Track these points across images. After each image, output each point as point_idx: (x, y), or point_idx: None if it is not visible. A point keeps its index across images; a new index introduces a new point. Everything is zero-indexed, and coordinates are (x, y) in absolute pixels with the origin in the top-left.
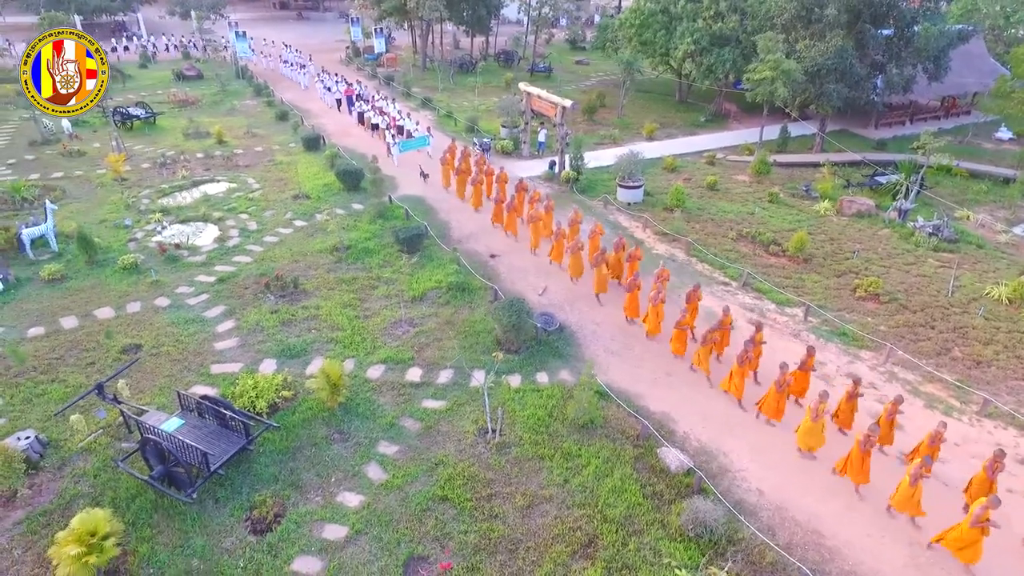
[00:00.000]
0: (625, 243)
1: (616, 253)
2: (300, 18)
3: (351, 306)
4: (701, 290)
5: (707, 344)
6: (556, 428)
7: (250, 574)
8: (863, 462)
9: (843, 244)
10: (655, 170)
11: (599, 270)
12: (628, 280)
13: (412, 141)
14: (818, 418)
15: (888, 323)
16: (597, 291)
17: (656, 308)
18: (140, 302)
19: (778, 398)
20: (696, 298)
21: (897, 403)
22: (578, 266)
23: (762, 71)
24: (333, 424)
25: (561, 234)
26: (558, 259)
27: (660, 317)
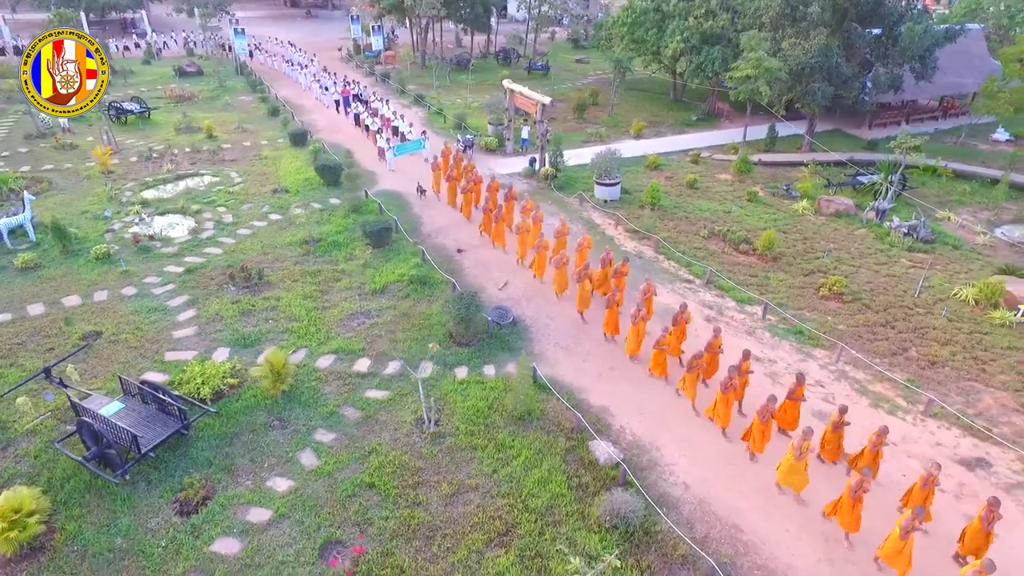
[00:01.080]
0: (612, 258)
1: (602, 268)
2: (309, 16)
3: (311, 298)
4: (689, 311)
5: (693, 370)
6: (494, 420)
7: (170, 553)
8: (853, 508)
9: (816, 243)
10: (638, 168)
11: (582, 285)
12: (608, 295)
13: (407, 145)
14: (801, 457)
15: (848, 322)
16: (580, 308)
17: (636, 327)
18: (107, 291)
19: (762, 429)
20: (684, 320)
21: (882, 434)
22: (563, 281)
23: (744, 69)
24: (275, 411)
25: (543, 246)
26: (540, 272)
27: (640, 336)
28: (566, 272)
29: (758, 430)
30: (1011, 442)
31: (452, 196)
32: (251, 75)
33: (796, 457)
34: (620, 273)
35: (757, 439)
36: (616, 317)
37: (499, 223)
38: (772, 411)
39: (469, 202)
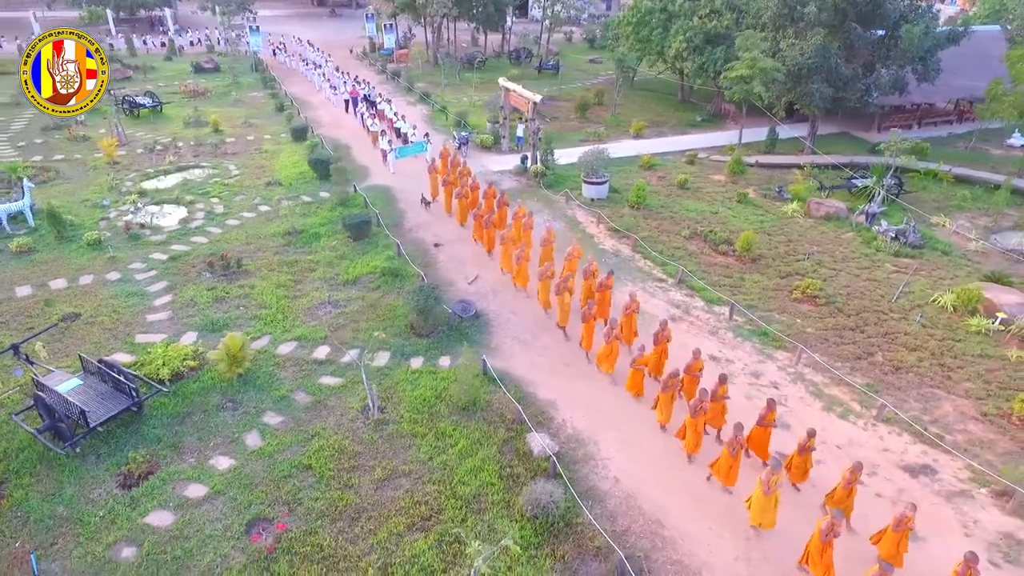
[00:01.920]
0: (595, 269)
1: (586, 280)
2: (333, 15)
3: (284, 287)
4: (671, 329)
5: (668, 391)
6: (439, 409)
7: (106, 523)
8: (824, 553)
9: (800, 246)
10: (631, 168)
11: (561, 299)
12: (583, 309)
13: (409, 147)
14: (770, 492)
15: (817, 325)
16: (561, 323)
17: (610, 345)
18: (93, 275)
19: (730, 463)
20: (664, 339)
21: (856, 471)
22: (547, 296)
23: (738, 69)
24: (229, 394)
25: (524, 257)
26: (522, 282)
27: (614, 354)
28: (550, 285)
29: (726, 463)
30: (962, 450)
31: (448, 201)
32: (265, 72)
33: (764, 492)
34: (604, 286)
35: (723, 471)
36: (592, 332)
37: (490, 229)
38: (742, 443)
39: (464, 208)
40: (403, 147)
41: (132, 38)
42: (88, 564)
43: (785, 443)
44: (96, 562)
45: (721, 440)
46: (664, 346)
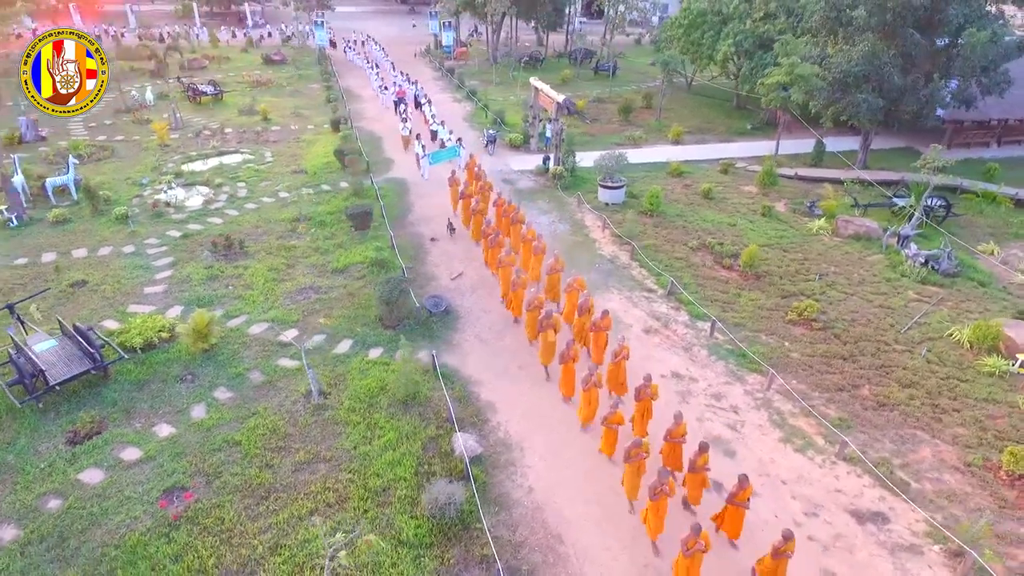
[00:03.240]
0: (592, 305)
1: (579, 317)
2: (412, 12)
3: (275, 270)
4: (656, 386)
5: (631, 461)
6: (379, 400)
7: (44, 474)
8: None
9: (816, 266)
10: (659, 174)
11: (545, 336)
12: (564, 350)
13: (442, 152)
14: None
15: (805, 351)
16: (543, 361)
17: (588, 393)
18: (112, 247)
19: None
20: (647, 395)
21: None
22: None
23: (775, 76)
24: (191, 367)
25: (521, 284)
26: (517, 311)
27: (592, 405)
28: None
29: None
30: (927, 501)
31: (466, 215)
32: (326, 66)
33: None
34: (598, 327)
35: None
36: (571, 376)
37: (495, 249)
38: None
39: (480, 224)
40: (436, 152)
41: (214, 30)
42: (15, 511)
43: (724, 470)
44: (22, 509)
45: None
46: (647, 404)
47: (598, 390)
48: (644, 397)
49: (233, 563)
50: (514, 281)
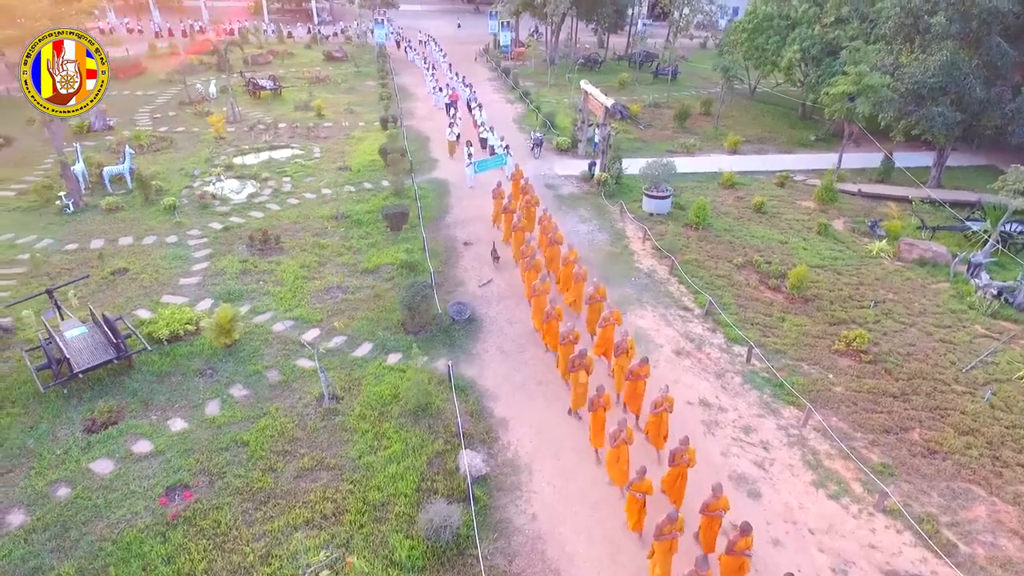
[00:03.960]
0: (630, 347)
1: (616, 358)
2: (477, 12)
3: (307, 267)
4: (694, 451)
5: (662, 539)
6: (391, 409)
7: (58, 460)
8: None
9: (872, 291)
10: (710, 185)
11: (576, 377)
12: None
13: (489, 160)
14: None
15: (852, 385)
16: (574, 406)
17: (617, 451)
18: (156, 236)
19: None
20: (682, 460)
21: None
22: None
23: (841, 85)
24: (212, 361)
25: (556, 315)
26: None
27: (623, 463)
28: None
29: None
30: (978, 569)
31: (507, 231)
32: (384, 64)
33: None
34: (636, 375)
35: None
36: (602, 426)
37: (531, 273)
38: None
39: (520, 243)
40: (482, 160)
41: (281, 26)
42: (27, 496)
43: (745, 513)
44: (33, 495)
45: None
46: (683, 469)
47: (627, 446)
48: (679, 462)
49: (223, 569)
50: (548, 312)
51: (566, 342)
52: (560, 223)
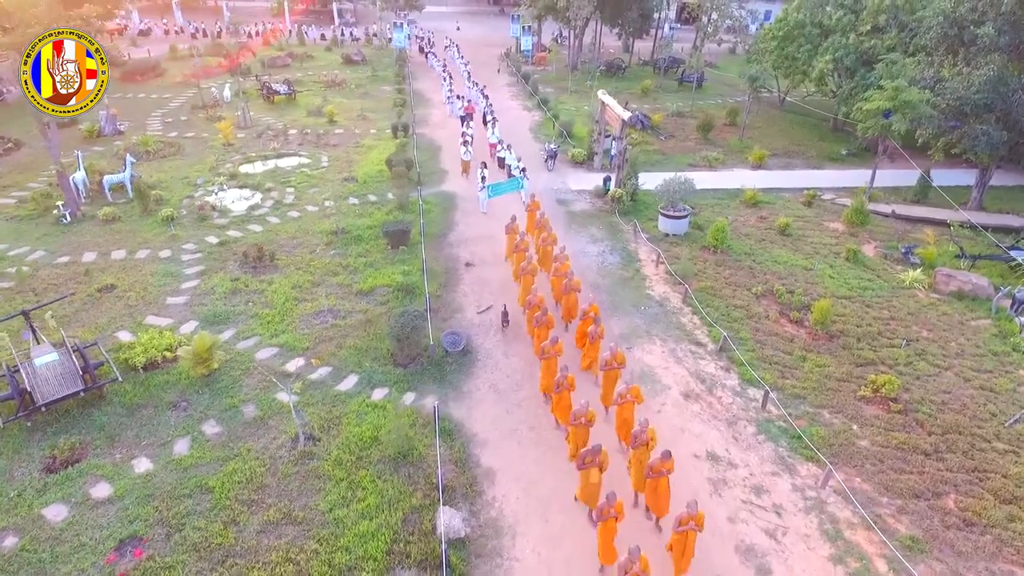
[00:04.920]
0: (653, 435)
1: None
2: (502, 13)
3: (299, 287)
4: (703, 515)
5: None
6: (370, 454)
7: (11, 505)
8: None
9: (904, 328)
10: (732, 203)
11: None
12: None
13: (503, 185)
14: None
15: (878, 438)
16: (581, 499)
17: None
18: (149, 250)
19: None
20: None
21: None
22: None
23: (876, 101)
24: (188, 393)
25: (568, 385)
26: (560, 416)
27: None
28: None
29: None
30: None
31: (516, 271)
32: (402, 68)
33: None
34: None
35: None
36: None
37: (541, 330)
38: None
39: (529, 287)
40: (497, 185)
41: (302, 28)
42: None
43: None
44: None
45: None
46: (691, 536)
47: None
48: (686, 528)
49: None
50: (559, 381)
51: (579, 422)
52: (570, 243)
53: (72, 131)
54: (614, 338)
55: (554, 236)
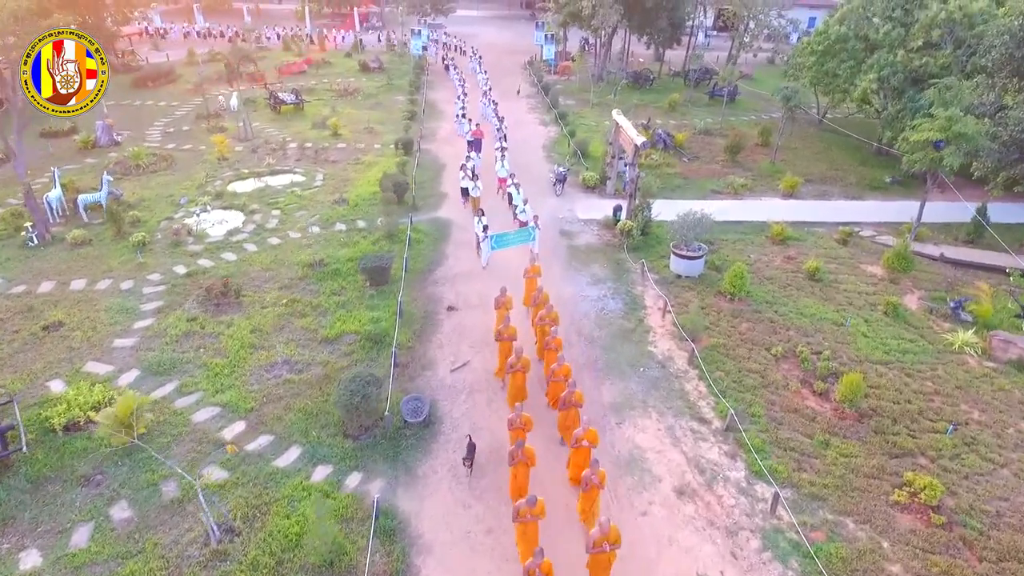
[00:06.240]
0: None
1: None
2: (532, 18)
3: (259, 332)
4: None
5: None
6: (293, 558)
7: None
8: None
9: (952, 406)
10: (757, 238)
11: None
12: None
13: (510, 235)
14: None
15: (912, 561)
16: None
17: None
18: (111, 280)
19: None
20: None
21: None
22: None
23: (925, 131)
24: (107, 462)
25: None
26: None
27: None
28: None
29: None
30: None
31: (502, 364)
32: (418, 76)
33: None
34: None
35: None
36: None
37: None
38: None
39: (517, 392)
40: (502, 235)
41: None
42: None
43: None
44: None
45: None
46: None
47: None
48: None
49: None
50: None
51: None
52: (568, 285)
53: (67, 142)
54: (603, 408)
55: (555, 315)
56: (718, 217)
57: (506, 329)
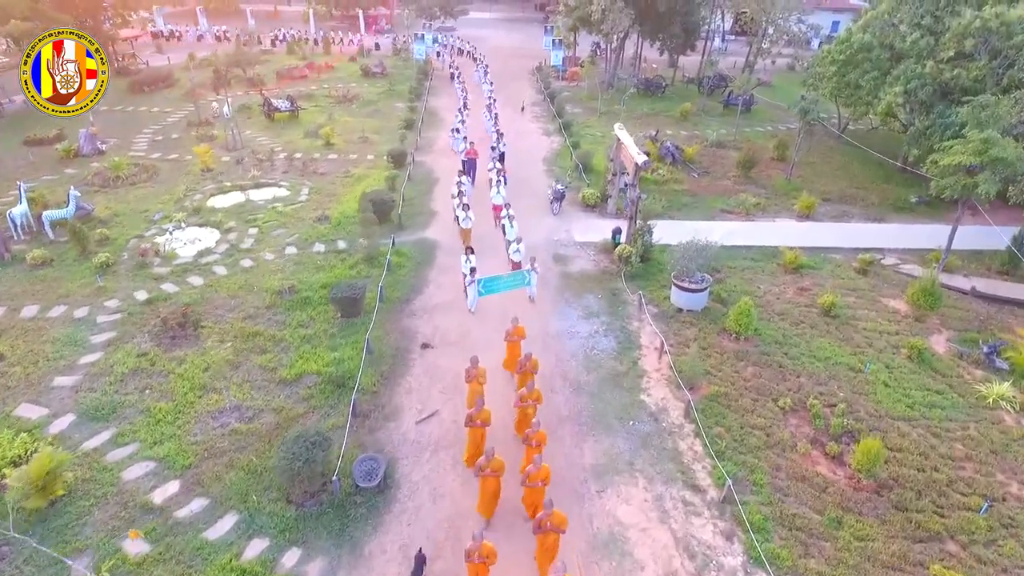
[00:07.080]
0: None
1: None
2: (546, 21)
3: (213, 370)
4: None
5: None
6: None
7: None
8: None
9: (987, 476)
10: (768, 265)
11: None
12: None
13: (501, 280)
14: None
15: None
16: None
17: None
18: (66, 307)
19: None
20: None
21: None
22: None
23: (957, 155)
24: (18, 528)
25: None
26: None
27: None
28: None
29: None
30: None
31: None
32: (422, 83)
33: None
34: None
35: None
36: None
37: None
38: None
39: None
40: (492, 279)
41: (329, 37)
42: None
43: None
44: None
45: None
46: None
47: None
48: None
49: None
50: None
51: None
52: (557, 320)
53: (49, 151)
54: (584, 471)
55: (538, 394)
56: (726, 241)
57: (479, 413)
